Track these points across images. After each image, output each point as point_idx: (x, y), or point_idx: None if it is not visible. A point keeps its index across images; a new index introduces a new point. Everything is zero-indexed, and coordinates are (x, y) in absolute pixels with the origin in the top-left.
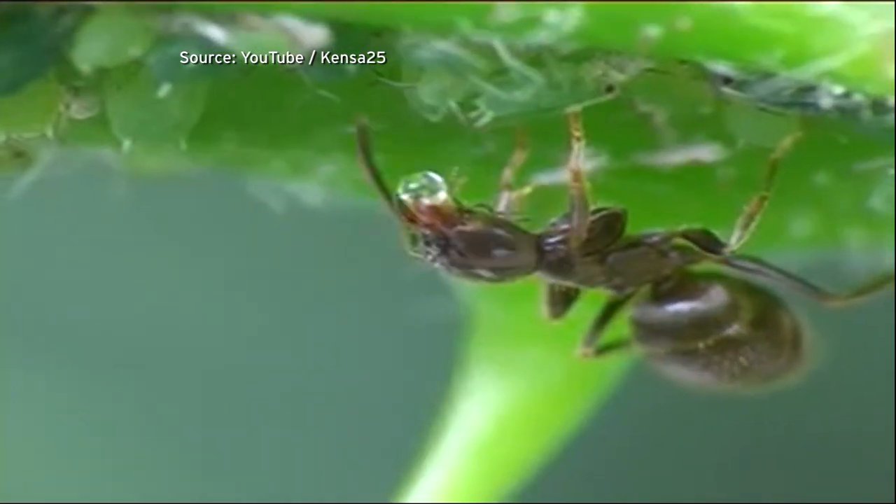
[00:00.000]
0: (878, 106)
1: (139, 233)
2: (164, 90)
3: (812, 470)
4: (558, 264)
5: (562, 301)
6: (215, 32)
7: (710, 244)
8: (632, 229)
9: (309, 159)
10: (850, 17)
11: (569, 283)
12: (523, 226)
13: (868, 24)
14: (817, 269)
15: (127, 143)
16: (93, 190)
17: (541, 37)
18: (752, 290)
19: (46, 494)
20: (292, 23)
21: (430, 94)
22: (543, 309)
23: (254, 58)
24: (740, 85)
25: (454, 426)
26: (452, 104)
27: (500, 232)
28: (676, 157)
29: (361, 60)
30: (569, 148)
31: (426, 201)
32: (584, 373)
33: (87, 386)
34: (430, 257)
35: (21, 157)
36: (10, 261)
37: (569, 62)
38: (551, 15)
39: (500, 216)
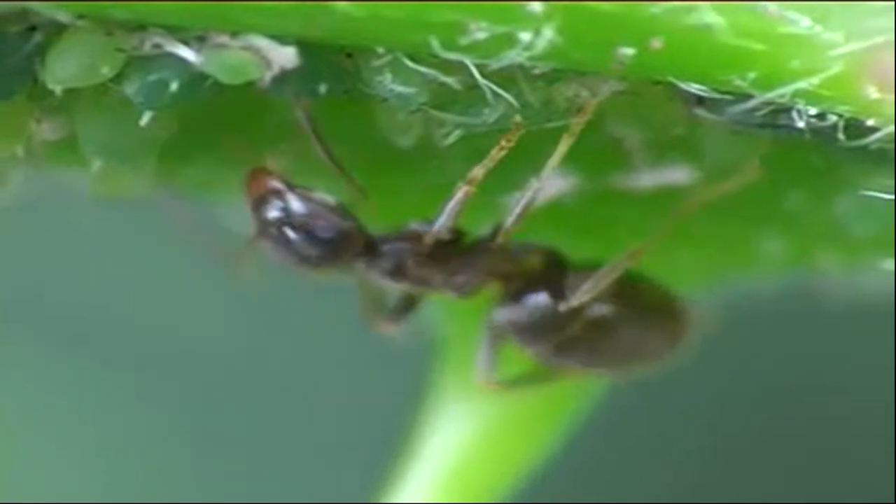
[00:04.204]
0: (851, 127)
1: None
2: (147, 118)
3: (812, 470)
4: (396, 266)
5: (401, 309)
6: (186, 52)
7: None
8: (604, 253)
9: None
10: (825, 37)
11: (405, 285)
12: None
13: (842, 44)
14: (793, 292)
15: (97, 164)
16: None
17: (513, 57)
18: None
19: (48, 493)
20: (263, 42)
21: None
22: (378, 322)
23: (224, 78)
24: (713, 106)
25: (425, 451)
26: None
27: (324, 214)
28: (649, 179)
29: (332, 81)
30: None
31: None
32: (556, 397)
33: (94, 382)
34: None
35: None
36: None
37: (541, 82)
38: (524, 34)
39: (331, 202)
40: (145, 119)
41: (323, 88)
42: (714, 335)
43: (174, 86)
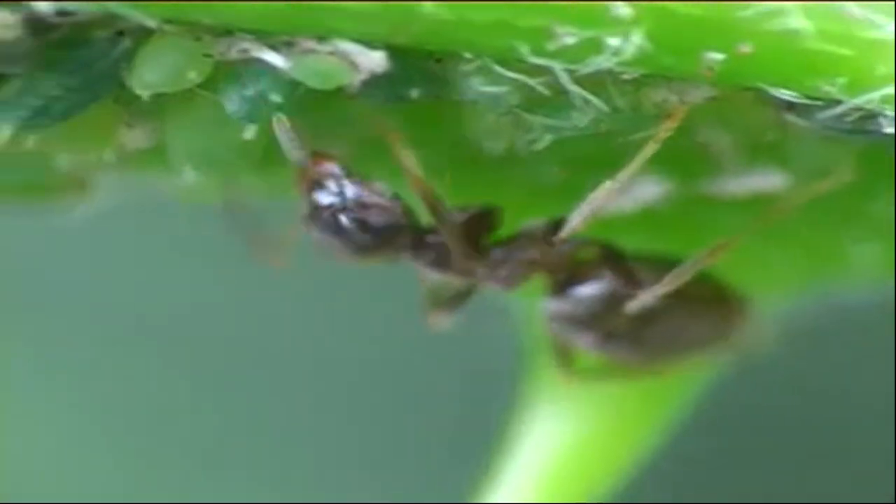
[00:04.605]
0: None
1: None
2: (250, 132)
3: (811, 469)
4: (441, 257)
5: (452, 301)
6: (274, 58)
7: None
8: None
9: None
10: None
11: (450, 277)
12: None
13: None
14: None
15: (188, 172)
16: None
17: (601, 62)
18: (658, 264)
19: (51, 489)
20: (350, 47)
21: (490, 125)
22: (431, 314)
23: (314, 83)
24: (803, 111)
25: (520, 451)
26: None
27: (376, 203)
28: (740, 184)
29: (424, 86)
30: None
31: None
32: (654, 398)
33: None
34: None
35: (80, 184)
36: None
37: (630, 87)
38: (612, 40)
39: (386, 194)
40: (249, 133)
41: (414, 93)
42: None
43: (275, 97)
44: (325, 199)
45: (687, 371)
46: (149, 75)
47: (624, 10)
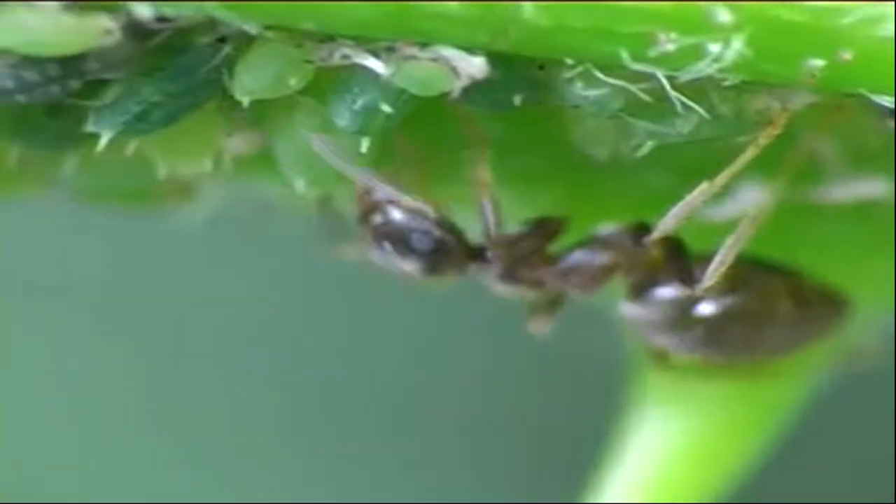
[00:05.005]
0: None
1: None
2: (365, 145)
3: (811, 469)
4: (507, 270)
5: (542, 312)
6: (375, 64)
7: (636, 235)
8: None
9: (470, 194)
10: None
11: (520, 289)
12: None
13: None
14: None
15: (298, 181)
16: None
17: (702, 68)
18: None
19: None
20: (451, 53)
21: (593, 131)
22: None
23: (415, 90)
24: None
25: (627, 452)
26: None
27: (426, 221)
28: (845, 192)
29: (527, 93)
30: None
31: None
32: (761, 402)
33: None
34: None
35: (183, 191)
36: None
37: (731, 93)
38: (713, 46)
39: (435, 213)
40: (364, 146)
41: (517, 99)
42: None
43: (385, 107)
44: (371, 228)
45: (794, 374)
46: (250, 81)
47: (725, 17)
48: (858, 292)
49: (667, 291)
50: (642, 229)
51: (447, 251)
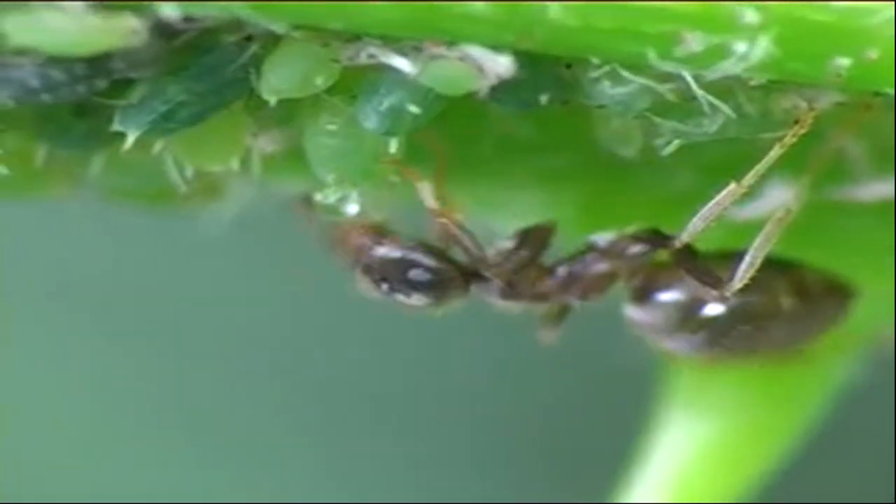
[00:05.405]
0: None
1: None
2: (394, 146)
3: (812, 469)
4: (507, 287)
5: (550, 322)
6: (401, 63)
7: (660, 240)
8: (827, 263)
9: (501, 193)
10: None
11: (524, 303)
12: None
13: None
14: None
15: (328, 178)
16: None
17: (728, 67)
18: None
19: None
20: (478, 52)
21: (620, 130)
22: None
23: (442, 89)
24: None
25: (655, 453)
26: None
27: (419, 255)
28: (872, 191)
29: (553, 92)
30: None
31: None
32: (782, 408)
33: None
34: (369, 284)
35: (212, 191)
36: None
37: (758, 93)
38: (739, 45)
39: (418, 241)
40: (393, 147)
41: (544, 98)
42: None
43: (413, 108)
44: (369, 268)
45: (817, 375)
46: (277, 81)
47: (751, 17)
48: (880, 288)
49: (671, 294)
50: (658, 235)
51: (447, 279)
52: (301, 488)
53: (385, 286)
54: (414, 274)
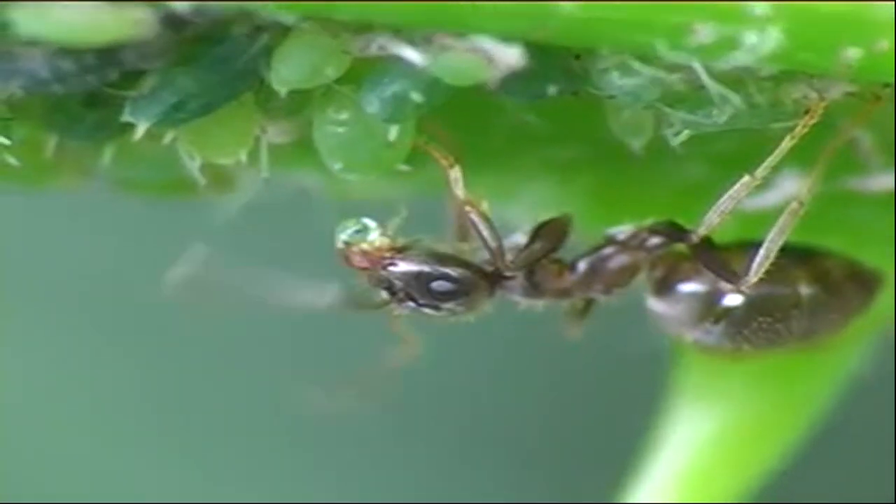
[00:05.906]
0: None
1: None
2: (393, 134)
3: (812, 469)
4: (524, 289)
5: (574, 318)
6: (411, 54)
7: (677, 233)
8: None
9: (512, 184)
10: None
11: (548, 300)
12: (468, 255)
13: None
14: None
15: (337, 167)
16: None
17: (738, 58)
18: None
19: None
20: (488, 43)
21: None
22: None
23: (451, 80)
24: None
25: (663, 452)
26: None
27: (438, 266)
28: (884, 182)
29: (562, 83)
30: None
31: (360, 246)
32: (790, 403)
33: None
34: (393, 303)
35: (222, 182)
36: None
37: (768, 83)
38: (749, 36)
39: (438, 250)
40: (392, 134)
41: (552, 90)
42: None
43: (416, 96)
44: (391, 288)
45: (832, 367)
46: (287, 72)
47: (761, 7)
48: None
49: (693, 285)
50: (675, 228)
51: (471, 284)
52: (301, 488)
53: (411, 303)
54: (437, 285)
